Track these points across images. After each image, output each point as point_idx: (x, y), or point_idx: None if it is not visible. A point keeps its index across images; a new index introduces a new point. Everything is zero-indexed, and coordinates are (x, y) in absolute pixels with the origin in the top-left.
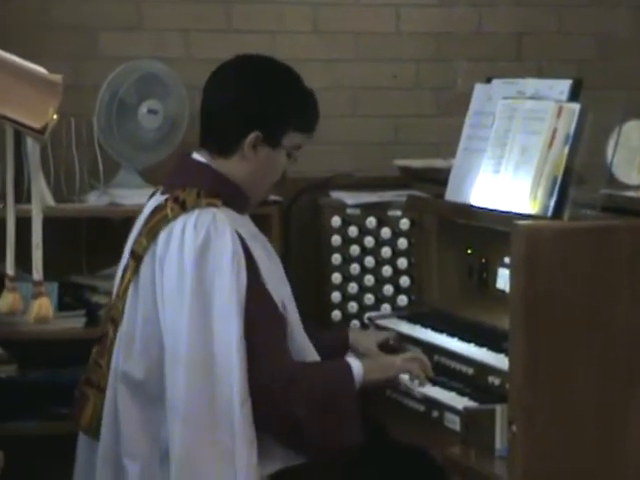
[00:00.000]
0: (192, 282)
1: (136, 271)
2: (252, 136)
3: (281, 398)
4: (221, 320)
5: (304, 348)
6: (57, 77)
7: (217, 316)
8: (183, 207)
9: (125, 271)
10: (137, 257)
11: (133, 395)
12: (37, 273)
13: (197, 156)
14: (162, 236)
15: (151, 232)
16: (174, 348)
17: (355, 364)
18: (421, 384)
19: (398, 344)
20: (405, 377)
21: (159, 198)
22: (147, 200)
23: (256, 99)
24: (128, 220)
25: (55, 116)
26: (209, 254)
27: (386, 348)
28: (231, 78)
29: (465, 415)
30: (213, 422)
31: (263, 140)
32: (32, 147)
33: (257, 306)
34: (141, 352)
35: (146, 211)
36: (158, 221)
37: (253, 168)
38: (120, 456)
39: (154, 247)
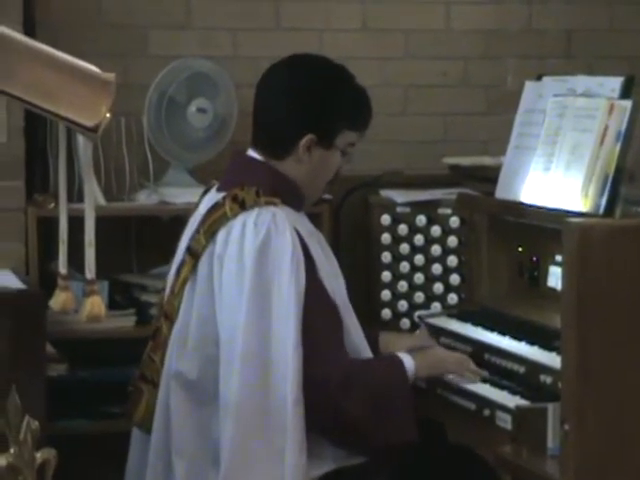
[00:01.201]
0: (251, 281)
1: (193, 269)
2: (306, 139)
3: (336, 398)
4: (279, 320)
5: (360, 347)
6: (110, 75)
7: (275, 316)
8: (242, 206)
9: (181, 268)
10: (195, 255)
11: (185, 393)
12: (90, 272)
13: (253, 154)
14: (221, 235)
15: (210, 230)
16: (230, 347)
17: (407, 359)
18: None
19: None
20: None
21: (215, 196)
22: (201, 196)
23: (309, 102)
24: (177, 219)
25: (108, 115)
26: (269, 253)
27: None
28: (283, 79)
29: (517, 414)
30: (265, 422)
31: (317, 142)
32: (84, 146)
33: (315, 304)
34: (195, 350)
35: (202, 208)
36: (217, 219)
37: (307, 169)
38: (170, 453)
39: (213, 246)
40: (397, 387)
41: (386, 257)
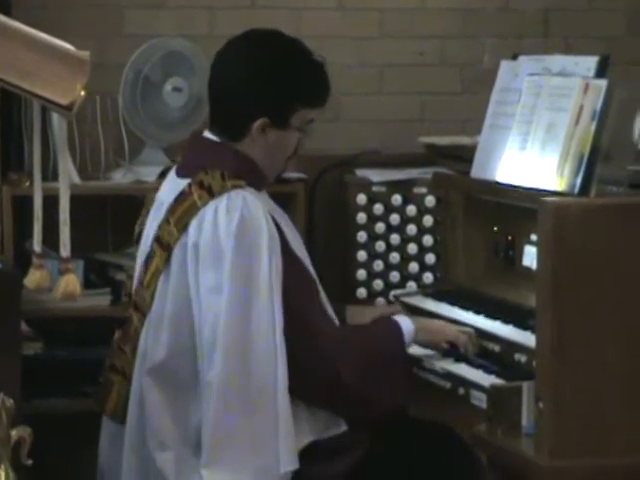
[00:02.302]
0: (231, 265)
1: (167, 261)
2: (259, 122)
3: (332, 362)
4: (260, 305)
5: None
6: (85, 54)
7: (256, 301)
8: (210, 193)
9: (149, 259)
10: (166, 247)
11: (161, 384)
12: (64, 250)
13: (211, 135)
14: (193, 224)
15: (181, 222)
16: (212, 332)
17: (405, 323)
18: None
19: None
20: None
21: (178, 182)
22: (158, 177)
23: (260, 83)
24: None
25: (83, 93)
26: (246, 237)
27: None
28: (235, 59)
29: (492, 392)
30: (248, 406)
31: (271, 124)
32: (59, 124)
33: (296, 282)
34: (169, 341)
35: (164, 196)
36: (186, 210)
37: (264, 150)
38: (146, 446)
39: (185, 236)
40: (393, 353)
41: (362, 236)
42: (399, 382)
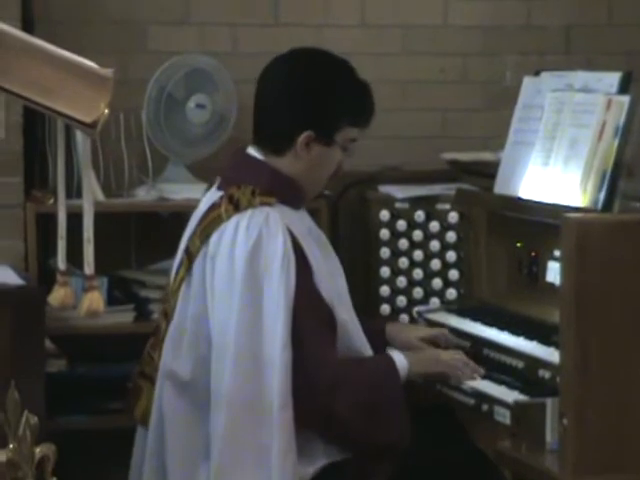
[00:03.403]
0: (242, 282)
1: (189, 270)
2: (304, 136)
3: (326, 399)
4: (269, 321)
5: (356, 345)
6: (108, 71)
7: (265, 317)
8: (237, 207)
9: (180, 267)
10: (190, 255)
11: (178, 393)
12: (88, 267)
13: (253, 151)
14: (214, 236)
15: (204, 233)
16: (222, 345)
17: (398, 358)
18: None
19: (446, 344)
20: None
21: (215, 194)
22: (204, 192)
23: (308, 98)
24: (176, 214)
25: (106, 110)
26: (260, 255)
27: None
28: (283, 74)
29: (515, 409)
30: (256, 419)
31: (315, 139)
32: (83, 142)
33: (306, 307)
34: (189, 350)
35: (202, 206)
36: (212, 221)
37: (307, 166)
38: (164, 451)
39: (206, 247)
40: (388, 386)
41: (385, 253)
42: (394, 417)
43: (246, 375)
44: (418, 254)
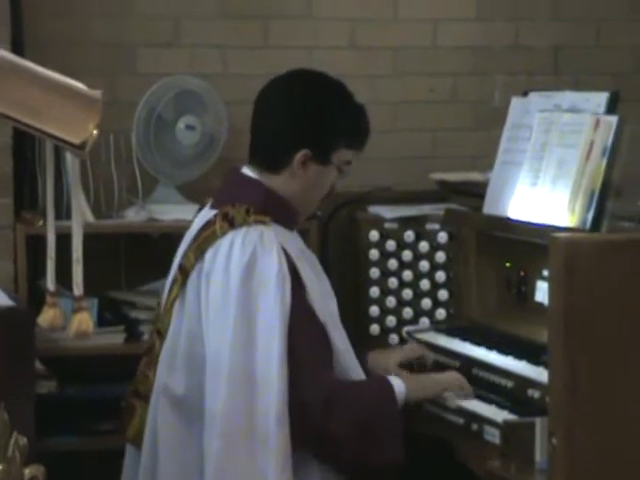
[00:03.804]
0: (237, 299)
1: (183, 286)
2: (301, 154)
3: (320, 418)
4: (264, 338)
5: (349, 367)
6: (97, 93)
7: (260, 334)
8: (232, 224)
9: (173, 285)
10: (184, 272)
11: (173, 409)
12: (77, 288)
13: (247, 171)
14: (209, 253)
15: (199, 249)
16: (216, 363)
17: (397, 383)
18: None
19: (428, 363)
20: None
21: (208, 213)
22: (196, 213)
23: (305, 117)
24: (166, 235)
25: (95, 132)
26: (255, 272)
27: (406, 366)
28: (281, 94)
29: (505, 428)
30: (250, 439)
31: (312, 158)
32: (72, 163)
33: (300, 324)
34: (183, 368)
35: (195, 225)
36: (206, 238)
37: (302, 185)
38: (157, 473)
39: (201, 264)
40: (385, 410)
41: (374, 273)
42: (390, 440)
43: (240, 395)
44: (407, 274)
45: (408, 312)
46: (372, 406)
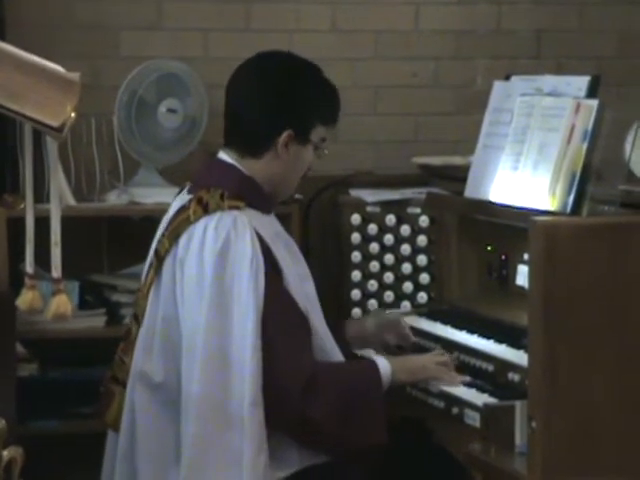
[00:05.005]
0: (211, 284)
1: (158, 271)
2: (285, 135)
3: (299, 402)
4: (238, 324)
5: (327, 349)
6: (75, 75)
7: (235, 320)
8: (205, 209)
9: (149, 269)
10: (159, 257)
11: (150, 394)
12: (56, 270)
13: (224, 156)
14: (183, 238)
15: (173, 234)
16: (191, 347)
17: (382, 364)
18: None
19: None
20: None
21: (185, 197)
22: (174, 198)
23: (283, 99)
24: (148, 219)
25: (73, 114)
26: (229, 257)
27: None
28: (255, 77)
29: (485, 412)
30: (225, 422)
31: (294, 138)
32: (51, 145)
33: (276, 308)
34: (160, 352)
35: (171, 210)
36: (180, 223)
37: (285, 166)
38: (135, 456)
39: (175, 249)
40: (368, 392)
41: (356, 256)
42: (374, 420)
43: (215, 379)
44: (389, 258)
45: (389, 295)
46: (355, 389)
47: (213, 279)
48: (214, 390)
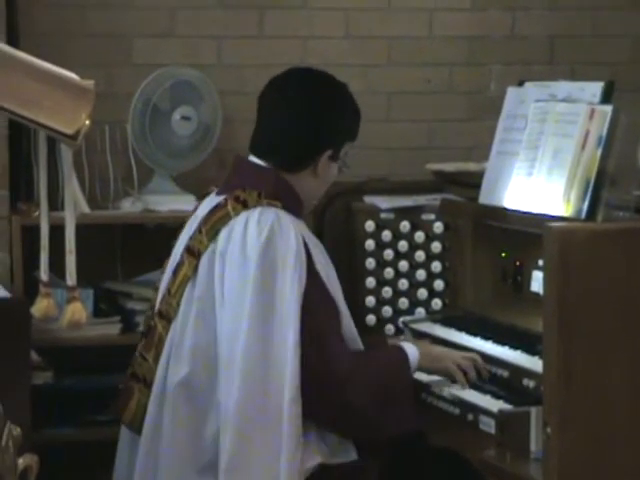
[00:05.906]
0: (255, 277)
1: (194, 269)
2: (326, 155)
3: (341, 387)
4: (281, 318)
5: (354, 339)
6: (89, 83)
7: (278, 314)
8: (245, 205)
9: (178, 268)
10: (195, 255)
11: (180, 394)
12: (70, 278)
13: (256, 160)
14: (223, 233)
15: (212, 230)
16: (231, 344)
17: (410, 350)
18: (466, 384)
19: None
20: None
21: (215, 199)
22: (198, 202)
23: (326, 120)
24: (162, 226)
25: (87, 122)
26: (273, 251)
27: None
28: (294, 96)
29: (500, 418)
30: (265, 421)
31: (331, 156)
32: (65, 153)
33: (317, 302)
34: (192, 349)
35: (200, 211)
36: (219, 219)
37: (320, 182)
38: (159, 452)
39: (214, 244)
40: (400, 379)
41: (370, 263)
42: (406, 407)
43: (256, 375)
44: (403, 264)
45: (404, 302)
46: (388, 376)
47: (257, 270)
48: (255, 389)
